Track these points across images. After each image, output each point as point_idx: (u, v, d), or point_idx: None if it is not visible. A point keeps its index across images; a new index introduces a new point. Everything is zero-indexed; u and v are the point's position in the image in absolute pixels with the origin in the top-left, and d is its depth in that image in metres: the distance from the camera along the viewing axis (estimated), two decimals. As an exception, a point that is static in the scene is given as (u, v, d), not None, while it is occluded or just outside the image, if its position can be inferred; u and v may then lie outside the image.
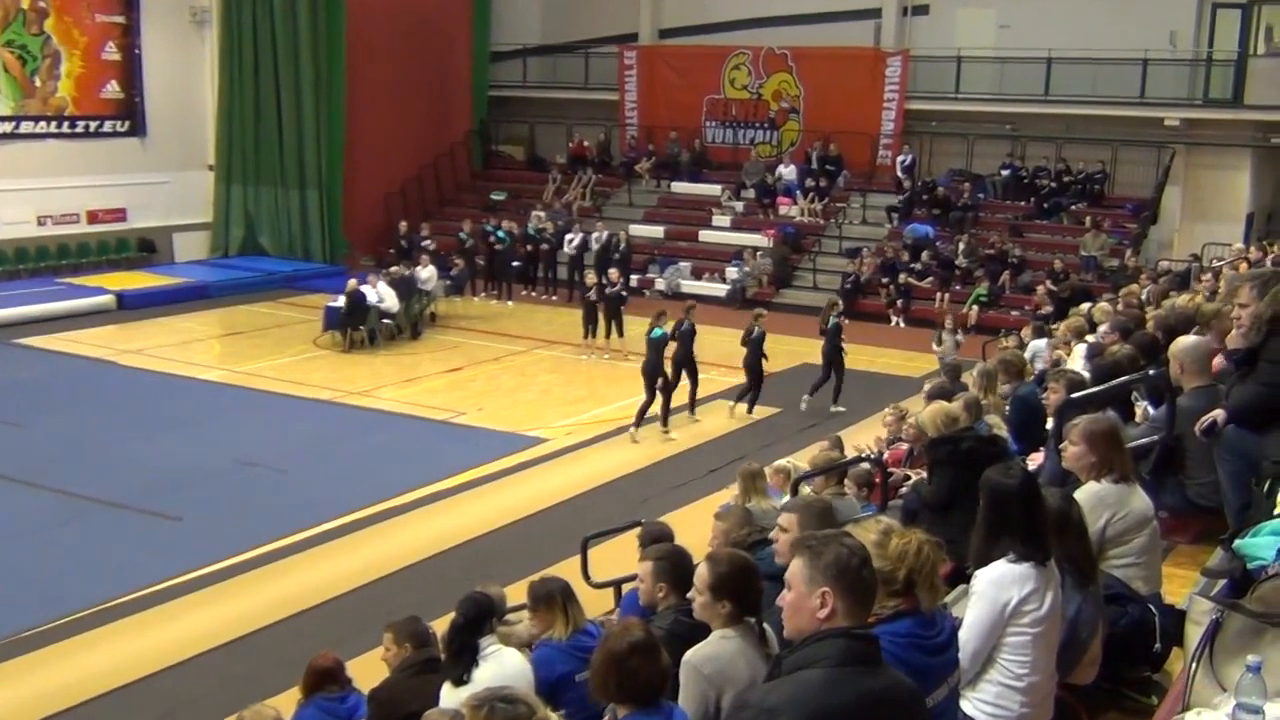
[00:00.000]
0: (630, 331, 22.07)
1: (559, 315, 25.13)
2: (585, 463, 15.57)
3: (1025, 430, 9.76)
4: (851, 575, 3.40)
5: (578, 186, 31.47)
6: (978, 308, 24.48)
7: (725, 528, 6.46)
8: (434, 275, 23.57)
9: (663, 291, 27.74)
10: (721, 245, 28.77)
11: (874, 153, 29.49)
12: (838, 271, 26.67)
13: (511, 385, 19.61)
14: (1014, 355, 11.01)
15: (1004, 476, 4.62)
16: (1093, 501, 5.31)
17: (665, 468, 15.29)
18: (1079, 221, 26.42)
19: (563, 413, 17.90)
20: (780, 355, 22.07)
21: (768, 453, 14.66)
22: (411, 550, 12.50)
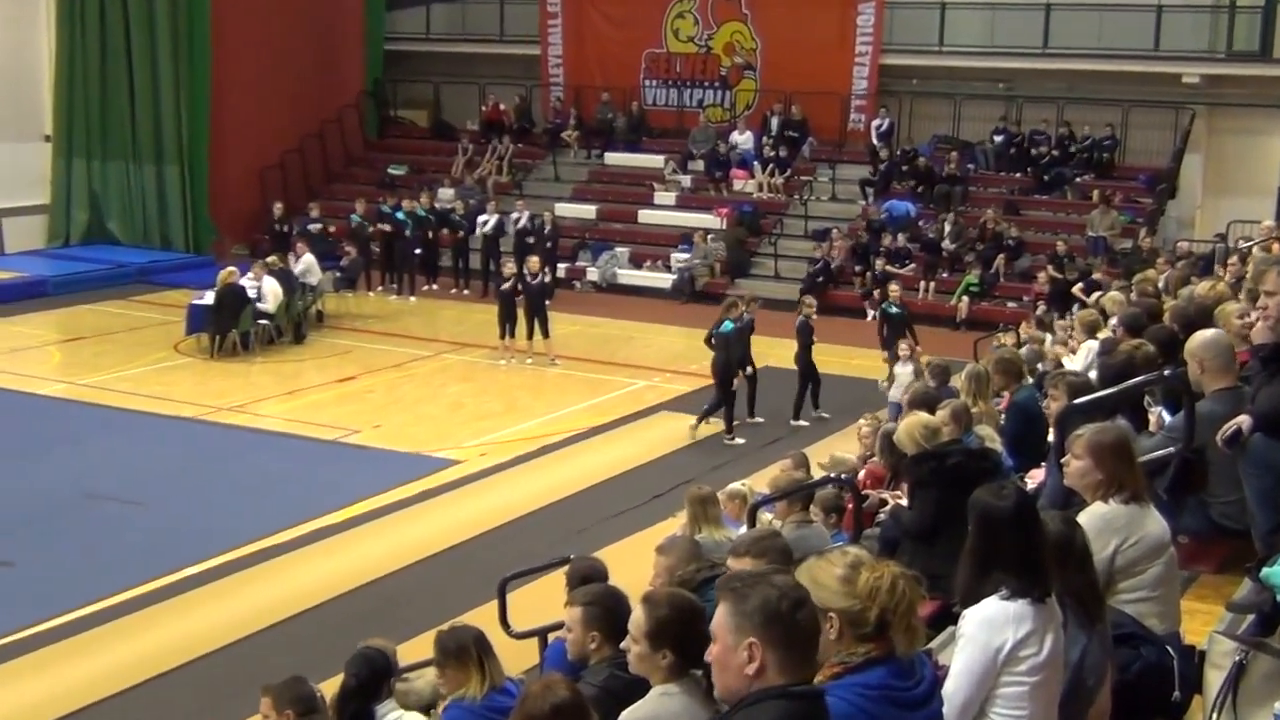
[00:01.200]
0: (558, 330, 22.08)
1: (471, 312, 25.09)
2: (504, 489, 15.54)
3: (1022, 443, 9.90)
4: (782, 622, 3.40)
5: (492, 158, 31.43)
6: (968, 299, 24.80)
7: (669, 563, 6.47)
8: (313, 265, 23.37)
9: (595, 283, 27.81)
10: (665, 227, 28.87)
11: (844, 117, 29.73)
12: (803, 257, 26.85)
13: (415, 397, 19.53)
14: (1011, 354, 11.16)
15: (996, 498, 4.66)
16: (1099, 526, 5.38)
17: (600, 494, 15.29)
18: (1085, 196, 26.81)
19: (477, 430, 17.87)
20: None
21: (721, 474, 14.69)
22: (294, 598, 12.39)
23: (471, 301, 26.19)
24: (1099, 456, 5.53)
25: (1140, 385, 7.29)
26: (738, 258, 27.42)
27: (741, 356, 17.68)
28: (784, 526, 8.15)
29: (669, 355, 22.50)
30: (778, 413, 18.32)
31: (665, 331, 24.37)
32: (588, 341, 23.24)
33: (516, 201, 27.84)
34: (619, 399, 19.48)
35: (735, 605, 3.44)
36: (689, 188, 29.72)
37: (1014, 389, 10.50)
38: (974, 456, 7.64)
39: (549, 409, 18.96)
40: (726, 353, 17.38)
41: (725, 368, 17.38)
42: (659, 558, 6.61)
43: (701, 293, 26.84)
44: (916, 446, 7.79)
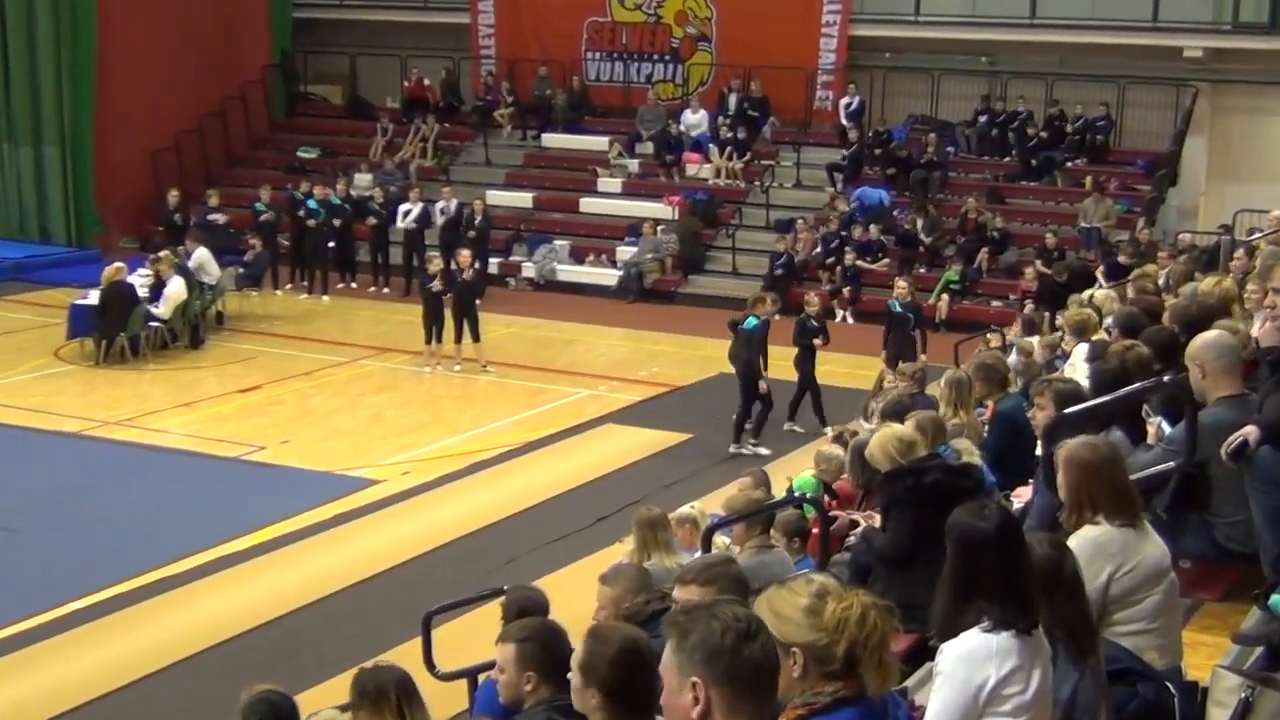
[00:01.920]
0: (490, 333, 22.04)
1: (391, 313, 25.04)
2: (429, 512, 15.49)
3: (1007, 457, 9.98)
4: (726, 657, 3.39)
5: (416, 140, 31.36)
6: (948, 297, 24.98)
7: (615, 594, 6.47)
8: (208, 261, 23.17)
9: (532, 280, 27.80)
10: (610, 218, 28.89)
11: (810, 94, 29.85)
12: (764, 251, 26.94)
13: (328, 409, 19.45)
14: (994, 359, 11.25)
15: (977, 519, 4.69)
16: (1092, 550, 5.42)
17: (537, 516, 15.28)
18: (1077, 183, 27.07)
19: (398, 445, 17.81)
20: (690, 363, 22.23)
21: (674, 494, 14.68)
22: (189, 637, 12.29)
23: (392, 301, 26.11)
24: (1073, 473, 5.59)
25: (1136, 393, 7.36)
26: (691, 251, 27.46)
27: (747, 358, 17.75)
28: (742, 552, 8.16)
29: (614, 361, 22.52)
30: (731, 426, 18.39)
31: (610, 335, 24.38)
32: (523, 345, 23.21)
33: (443, 189, 27.75)
34: (558, 410, 19.47)
35: (678, 641, 3.44)
36: (636, 173, 29.75)
37: (998, 398, 10.58)
38: (954, 473, 7.69)
39: (480, 421, 18.92)
40: (749, 351, 17.47)
41: (748, 368, 17.46)
42: (603, 588, 6.60)
43: (650, 291, 26.89)
44: (890, 462, 7.82)
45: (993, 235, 25.95)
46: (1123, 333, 9.88)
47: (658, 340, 23.81)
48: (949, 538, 4.71)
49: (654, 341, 23.74)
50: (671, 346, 23.43)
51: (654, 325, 24.65)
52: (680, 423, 18.63)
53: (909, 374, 12.95)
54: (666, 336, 23.97)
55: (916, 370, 13.14)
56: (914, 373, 13.02)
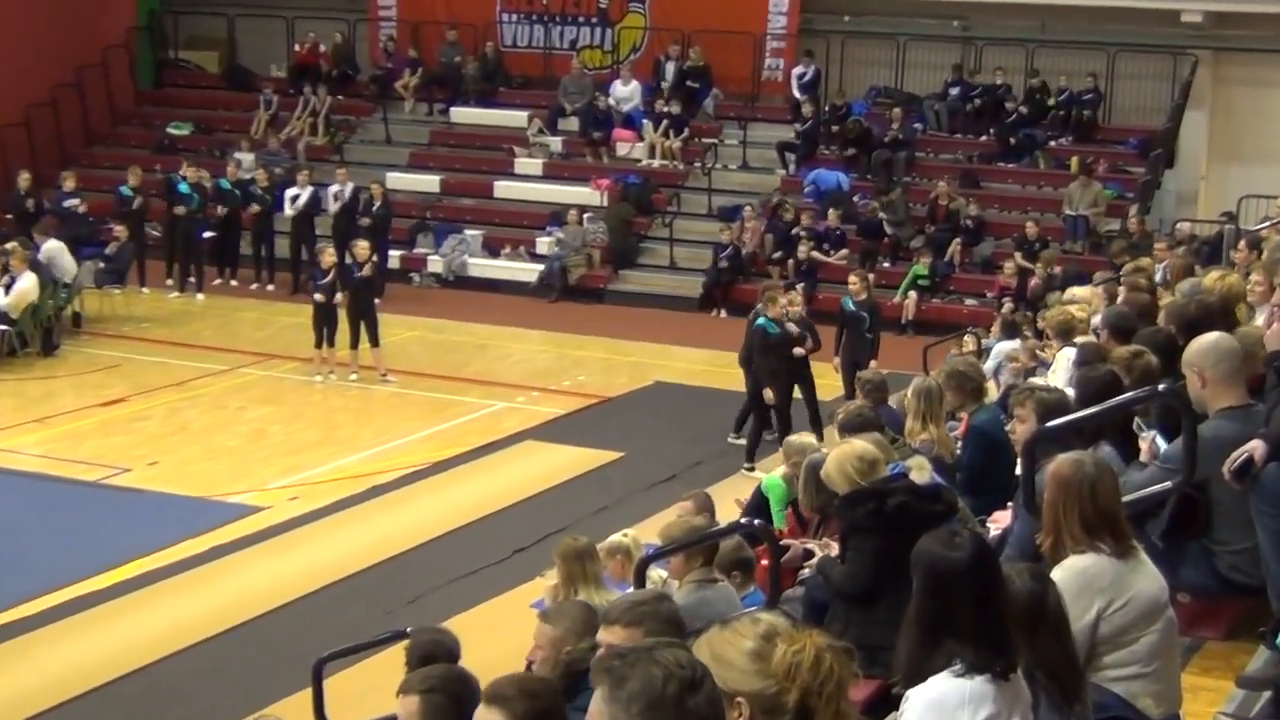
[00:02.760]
0: (391, 337, 21.96)
1: (277, 313, 24.96)
2: (321, 543, 15.40)
3: (983, 478, 10.05)
4: (669, 710, 3.39)
5: (305, 114, 31.24)
6: (915, 294, 25.14)
7: (557, 635, 6.40)
8: (59, 254, 22.90)
9: (439, 276, 27.77)
10: (529, 204, 28.90)
11: (758, 63, 30.00)
12: (706, 242, 27.03)
13: (204, 425, 19.33)
14: (968, 365, 11.30)
15: (948, 548, 4.71)
16: (1079, 583, 5.45)
17: (446, 548, 15.23)
18: (1061, 165, 27.33)
19: (285, 466, 17.72)
20: (621, 371, 22.25)
21: (603, 521, 14.66)
22: (37, 692, 12.17)
23: (278, 300, 26.01)
24: (1050, 492, 5.62)
25: (1128, 404, 7.41)
26: (623, 243, 27.49)
27: (759, 363, 17.71)
28: (679, 588, 8.16)
29: (534, 369, 22.50)
30: (669, 442, 18.39)
31: (528, 338, 24.36)
32: (429, 351, 23.18)
33: (336, 170, 27.64)
34: (470, 425, 19.43)
35: (610, 690, 3.37)
36: (559, 153, 29.78)
37: (972, 410, 10.63)
38: (922, 496, 7.73)
39: (379, 439, 18.86)
40: (761, 357, 17.54)
41: (759, 377, 17.55)
42: (544, 627, 6.53)
43: (575, 288, 26.89)
44: (850, 483, 7.84)
45: (966, 224, 26.14)
46: (1113, 335, 9.95)
47: (584, 345, 23.81)
48: (916, 569, 4.73)
49: (579, 346, 23.74)
50: (600, 352, 23.45)
51: (580, 328, 24.64)
52: (610, 439, 18.63)
53: (869, 384, 12.99)
54: (594, 340, 23.99)
55: (874, 380, 13.15)
56: (867, 384, 13.04)
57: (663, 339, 23.83)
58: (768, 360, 17.60)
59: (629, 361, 22.55)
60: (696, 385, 21.24)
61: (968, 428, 10.57)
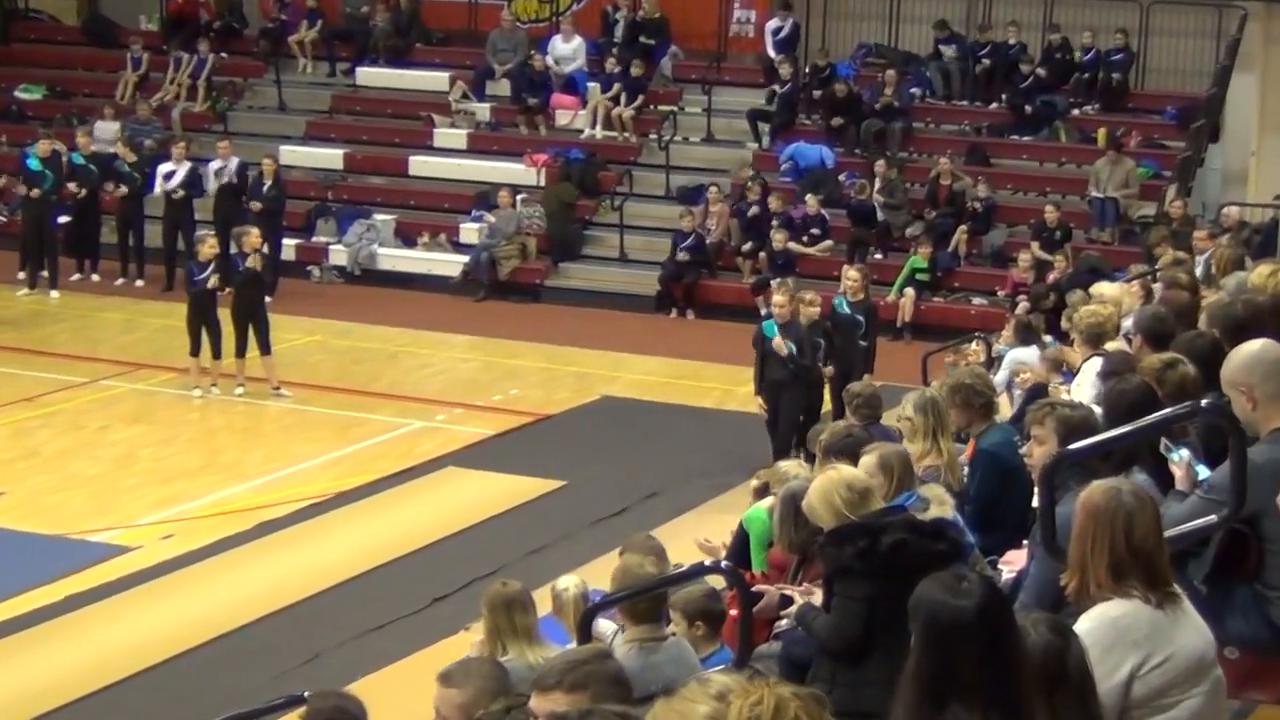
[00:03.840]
0: (285, 344, 21.89)
1: (147, 315, 24.86)
2: (201, 590, 15.30)
3: (994, 511, 10.06)
4: None
5: (182, 76, 31.12)
6: (913, 292, 25.13)
7: (462, 700, 6.42)
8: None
9: (342, 269, 27.71)
10: (451, 184, 28.91)
11: (725, 15, 30.06)
12: (664, 229, 27.03)
13: (60, 449, 19.23)
14: (975, 378, 11.33)
15: (952, 595, 4.72)
16: (1109, 636, 5.46)
17: (351, 596, 15.16)
18: (1086, 138, 27.45)
19: (158, 498, 17.63)
20: (562, 383, 22.24)
21: (540, 563, 14.66)
22: None
23: (148, 299, 25.90)
24: (1077, 524, 5.63)
25: (1166, 423, 7.42)
26: (564, 231, 27.47)
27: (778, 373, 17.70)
28: (624, 645, 8.16)
29: (457, 381, 22.45)
30: (619, 470, 18.41)
31: (450, 344, 24.30)
32: (331, 360, 23.16)
33: (219, 143, 27.52)
34: (380, 448, 19.38)
35: None
36: (487, 123, 29.79)
37: (980, 430, 10.66)
38: (922, 533, 7.74)
39: (271, 465, 18.78)
40: (779, 364, 17.55)
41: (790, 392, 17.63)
42: (447, 691, 6.55)
43: (507, 284, 26.87)
44: (836, 517, 7.85)
45: (973, 208, 26.20)
46: (1147, 340, 9.97)
47: (517, 352, 23.78)
48: (915, 620, 4.74)
49: (512, 354, 23.71)
50: (536, 360, 23.41)
51: (512, 331, 24.62)
52: (549, 465, 18.58)
53: (858, 398, 13.00)
54: (529, 347, 23.95)
55: (865, 393, 13.15)
56: (856, 398, 13.05)
57: (612, 345, 23.82)
58: (782, 364, 17.60)
59: (571, 372, 22.52)
60: (652, 400, 21.27)
61: (975, 451, 10.60)
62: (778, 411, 17.70)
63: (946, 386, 11.08)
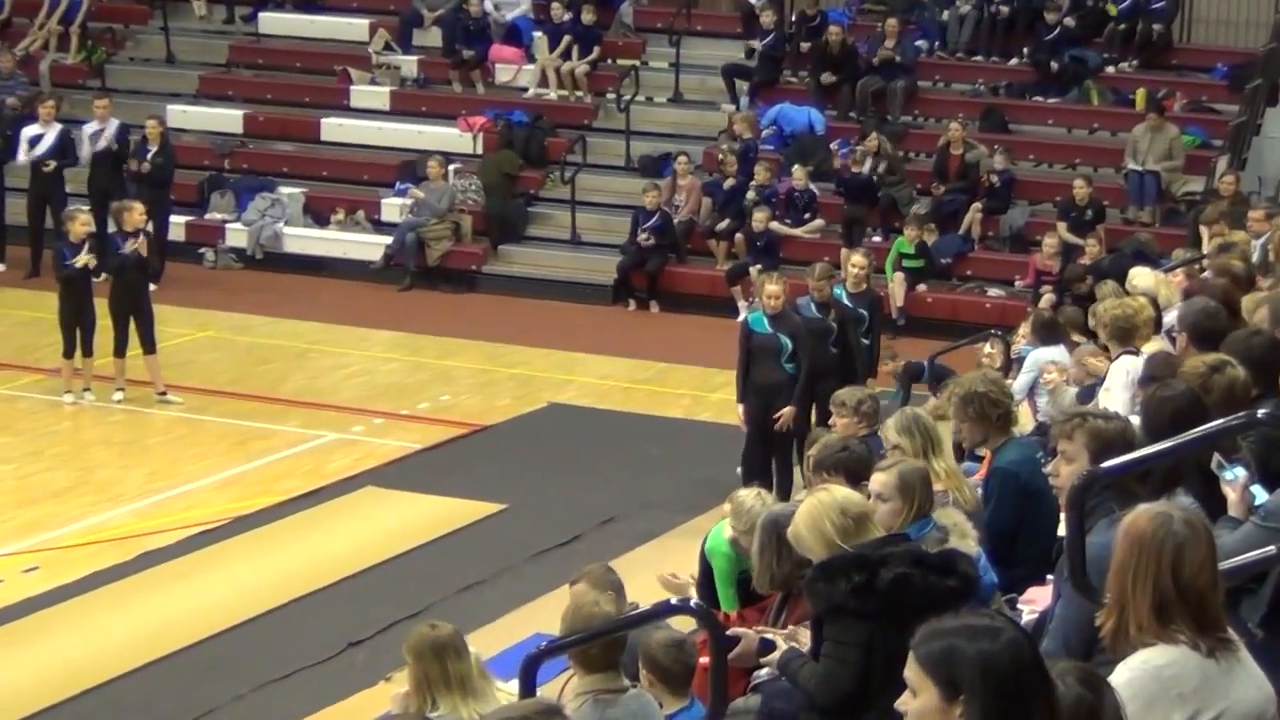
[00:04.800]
0: (172, 340, 21.84)
1: (9, 304, 24.87)
2: (72, 632, 15.26)
3: (1013, 540, 10.07)
4: None
5: (52, 21, 31.06)
6: (902, 277, 25.09)
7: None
8: None
9: (242, 251, 27.71)
10: (371, 151, 29.03)
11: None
12: (624, 206, 27.13)
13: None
14: (990, 384, 11.32)
15: (971, 638, 4.72)
16: (1151, 688, 5.46)
17: (250, 640, 15.14)
18: (1123, 101, 27.58)
19: (21, 524, 17.57)
20: (502, 387, 22.25)
21: (475, 602, 14.66)
22: None
23: (10, 286, 25.92)
24: (1118, 554, 5.64)
25: (1214, 436, 7.44)
26: (504, 208, 27.50)
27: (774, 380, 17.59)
28: (575, 697, 8.16)
29: (378, 385, 22.43)
30: (569, 490, 18.43)
31: (371, 341, 24.29)
32: (229, 359, 23.15)
33: (96, 102, 27.50)
34: (286, 465, 19.35)
35: None
36: (414, 79, 29.87)
37: (997, 445, 10.67)
38: (930, 567, 7.74)
39: (155, 485, 18.73)
40: (750, 370, 17.45)
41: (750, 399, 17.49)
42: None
43: (438, 270, 26.93)
44: (828, 547, 7.85)
45: (990, 182, 26.24)
46: (1194, 339, 9.99)
47: (449, 350, 23.81)
48: (953, 682, 4.73)
49: (443, 353, 23.72)
50: (471, 360, 23.43)
51: (443, 326, 24.64)
52: (486, 485, 18.60)
53: (854, 406, 12.99)
54: (463, 345, 23.98)
55: (863, 400, 13.15)
56: (859, 403, 13.05)
57: (561, 343, 23.86)
58: (763, 367, 17.52)
59: (513, 375, 22.53)
60: (609, 409, 21.32)
61: (991, 470, 10.61)
62: (767, 423, 17.56)
63: (956, 396, 11.07)
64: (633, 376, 22.32)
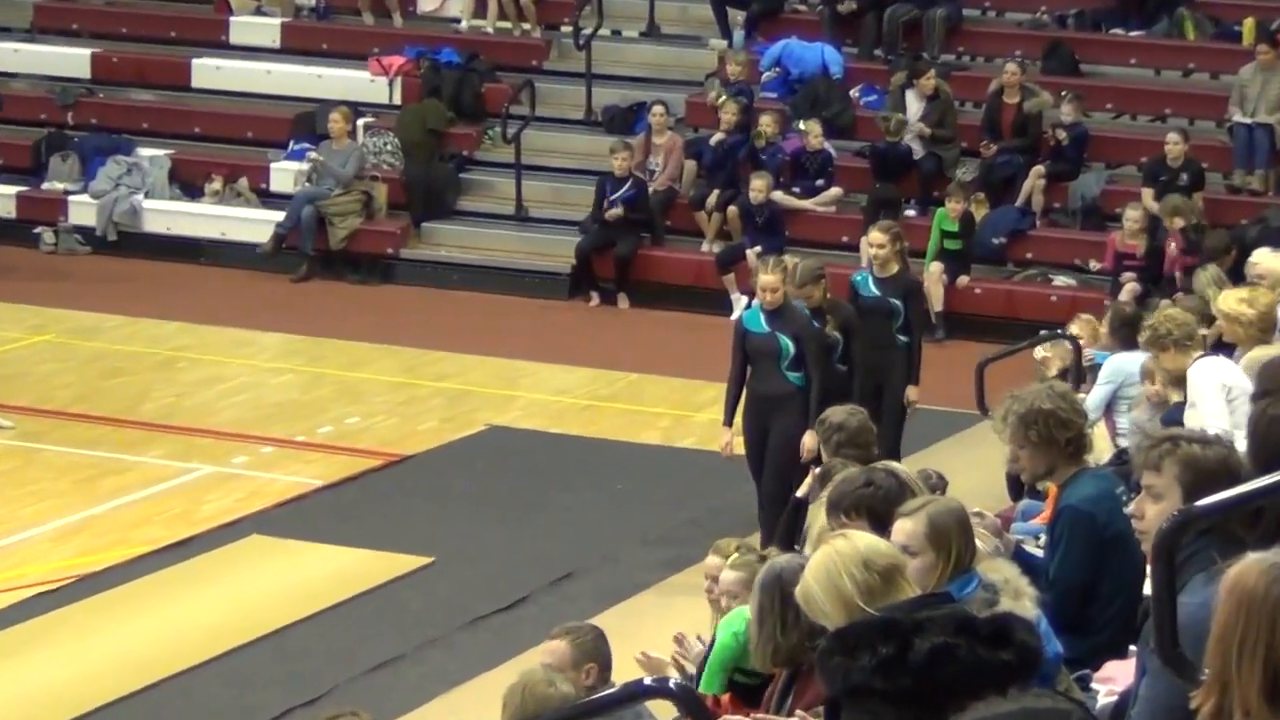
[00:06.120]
0: (1, 342, 21.78)
1: None
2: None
3: (1086, 600, 10.11)
4: None
5: None
6: (941, 267, 25.15)
7: None
8: None
9: (90, 230, 27.70)
10: (255, 101, 29.21)
11: None
12: (584, 172, 27.29)
13: None
14: (1058, 399, 11.34)
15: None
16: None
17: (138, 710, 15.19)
18: (1225, 33, 27.69)
19: None
20: (428, 405, 22.27)
21: (391, 683, 14.70)
22: None
23: None
24: (1221, 617, 5.67)
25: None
26: (429, 174, 27.56)
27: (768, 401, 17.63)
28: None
29: (266, 403, 22.46)
30: (513, 539, 18.47)
31: (258, 346, 24.30)
32: (74, 372, 23.17)
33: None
34: (147, 508, 19.35)
35: None
36: (311, 7, 30.00)
37: (1067, 478, 10.69)
38: (978, 635, 7.78)
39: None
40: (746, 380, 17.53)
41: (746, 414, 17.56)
42: None
43: (344, 255, 26.99)
44: (846, 611, 7.88)
45: (1055, 140, 26.35)
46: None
47: (358, 359, 23.84)
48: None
49: (351, 362, 23.76)
50: (388, 372, 23.46)
51: (351, 327, 24.68)
52: (406, 533, 18.62)
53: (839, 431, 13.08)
54: (377, 351, 24.05)
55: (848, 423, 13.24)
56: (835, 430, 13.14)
57: (503, 349, 23.90)
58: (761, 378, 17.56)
59: (440, 390, 22.58)
60: (565, 434, 21.37)
61: (1058, 510, 10.63)
62: (764, 448, 17.57)
63: (1014, 416, 11.07)
64: (595, 391, 22.39)
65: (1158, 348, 13.36)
